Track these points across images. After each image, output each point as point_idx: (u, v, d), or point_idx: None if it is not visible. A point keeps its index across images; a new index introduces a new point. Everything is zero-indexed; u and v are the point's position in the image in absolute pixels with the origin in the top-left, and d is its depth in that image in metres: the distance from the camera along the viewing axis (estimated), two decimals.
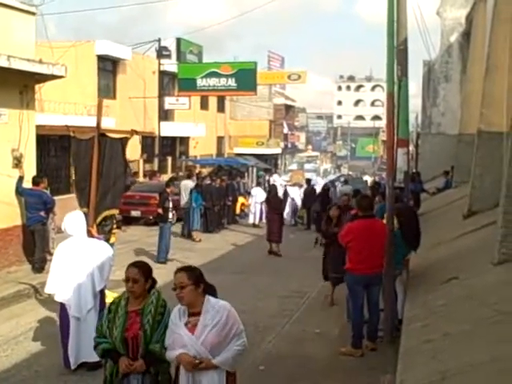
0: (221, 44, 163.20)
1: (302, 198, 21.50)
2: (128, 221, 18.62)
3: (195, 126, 30.50)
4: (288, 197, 21.61)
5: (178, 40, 33.15)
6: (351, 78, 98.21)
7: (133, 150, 19.61)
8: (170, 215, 13.85)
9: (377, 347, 7.26)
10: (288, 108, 52.95)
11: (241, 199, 22.94)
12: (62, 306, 6.52)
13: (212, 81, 28.41)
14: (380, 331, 7.43)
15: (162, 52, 29.12)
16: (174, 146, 31.11)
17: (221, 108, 38.07)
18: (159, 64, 27.75)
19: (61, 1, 17.17)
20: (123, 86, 25.49)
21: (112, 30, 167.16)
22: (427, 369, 4.52)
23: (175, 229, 16.23)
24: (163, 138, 28.13)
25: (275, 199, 15.74)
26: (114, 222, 9.83)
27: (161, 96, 27.56)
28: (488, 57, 11.25)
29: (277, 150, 45.60)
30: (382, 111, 78.94)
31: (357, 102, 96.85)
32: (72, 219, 6.62)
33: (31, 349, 7.33)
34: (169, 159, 30.13)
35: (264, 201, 18.06)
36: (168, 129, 27.96)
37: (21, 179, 11.16)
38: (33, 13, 11.51)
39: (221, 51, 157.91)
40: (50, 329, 7.78)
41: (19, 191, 11.15)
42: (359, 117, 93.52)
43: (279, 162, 49.42)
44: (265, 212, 18.68)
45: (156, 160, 28.15)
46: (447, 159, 21.03)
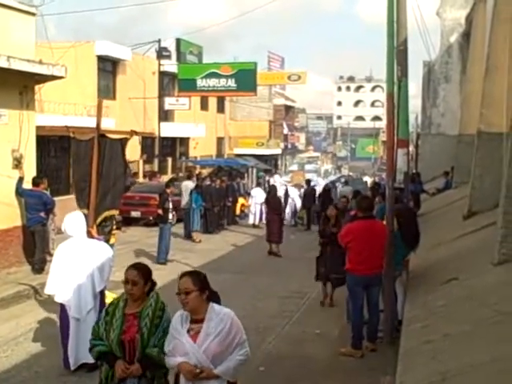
0: (221, 44, 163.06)
1: (302, 199, 21.51)
2: (128, 221, 18.60)
3: (195, 127, 30.50)
4: (289, 197, 21.64)
5: (178, 40, 33.14)
6: (351, 79, 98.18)
7: (133, 151, 19.58)
8: (170, 216, 13.83)
9: (377, 348, 7.27)
10: (288, 108, 52.94)
11: (241, 200, 22.92)
12: (62, 307, 6.52)
13: (212, 81, 28.44)
14: (380, 332, 7.43)
15: (162, 52, 29.16)
16: (174, 147, 31.12)
17: (221, 108, 38.06)
18: (159, 64, 27.78)
19: (60, 1, 17.13)
20: (123, 87, 25.50)
21: (111, 31, 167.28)
22: (427, 369, 4.52)
23: (176, 230, 16.23)
24: (163, 139, 28.15)
25: (274, 200, 15.74)
26: (114, 223, 9.81)
27: (161, 96, 27.59)
28: (488, 57, 11.24)
29: (277, 151, 45.57)
30: (382, 112, 78.97)
31: (357, 103, 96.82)
32: (72, 220, 6.61)
33: (31, 350, 7.33)
34: (169, 160, 30.14)
35: (263, 201, 18.07)
36: (168, 129, 27.98)
37: (21, 180, 11.14)
38: (33, 13, 11.51)
39: (221, 52, 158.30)
40: (50, 330, 7.77)
41: (19, 192, 11.14)
42: (359, 117, 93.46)
43: (279, 163, 49.39)
44: (264, 213, 18.69)
45: (156, 161, 28.17)
46: (447, 160, 21.02)
